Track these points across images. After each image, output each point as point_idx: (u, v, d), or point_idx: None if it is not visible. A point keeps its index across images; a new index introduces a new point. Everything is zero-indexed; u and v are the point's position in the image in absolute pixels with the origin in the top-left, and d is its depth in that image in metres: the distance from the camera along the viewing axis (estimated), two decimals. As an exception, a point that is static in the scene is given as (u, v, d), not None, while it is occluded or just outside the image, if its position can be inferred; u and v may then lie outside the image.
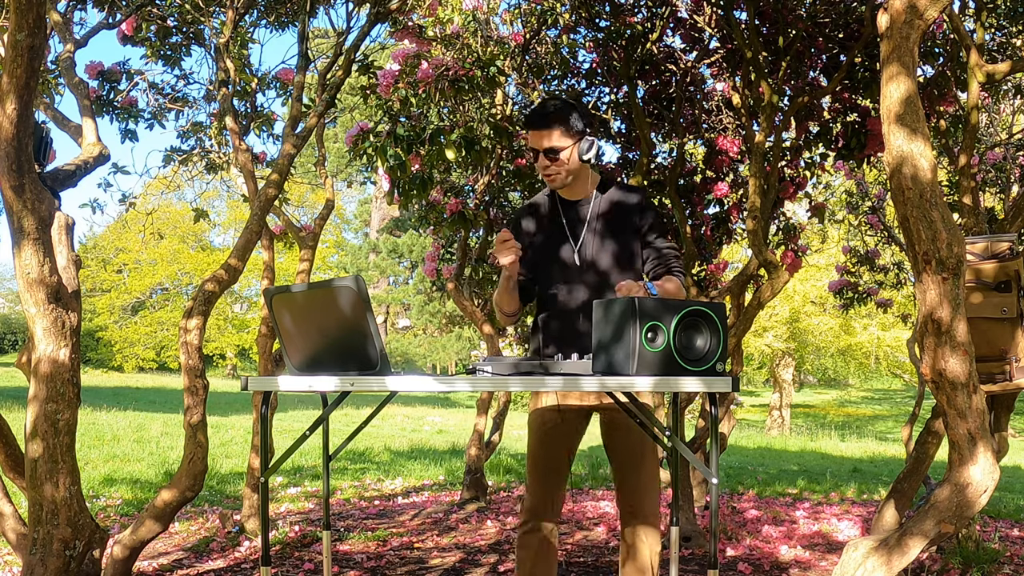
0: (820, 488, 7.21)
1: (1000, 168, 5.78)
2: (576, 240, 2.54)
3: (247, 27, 4.89)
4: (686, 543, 4.38)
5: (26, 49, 2.54)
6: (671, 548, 2.51)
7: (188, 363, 3.31)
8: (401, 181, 3.78)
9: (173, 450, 8.53)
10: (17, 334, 35.53)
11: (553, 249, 2.56)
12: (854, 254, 7.54)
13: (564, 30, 4.42)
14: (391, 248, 27.71)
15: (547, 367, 2.17)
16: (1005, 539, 4.76)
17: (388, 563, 4.11)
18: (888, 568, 2.22)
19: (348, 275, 3.03)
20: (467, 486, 5.88)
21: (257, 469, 4.45)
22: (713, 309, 1.98)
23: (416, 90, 3.75)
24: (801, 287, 16.68)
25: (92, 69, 4.53)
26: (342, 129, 25.06)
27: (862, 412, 25.58)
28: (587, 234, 2.54)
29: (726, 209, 5.01)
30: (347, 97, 15.94)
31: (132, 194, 5.26)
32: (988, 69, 3.31)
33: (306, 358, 2.20)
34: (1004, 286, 2.90)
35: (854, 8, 4.12)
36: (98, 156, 3.44)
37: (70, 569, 2.74)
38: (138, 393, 18.87)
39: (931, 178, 2.18)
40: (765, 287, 4.15)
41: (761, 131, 4.07)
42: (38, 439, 2.74)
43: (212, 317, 26.06)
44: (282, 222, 5.16)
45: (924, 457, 3.23)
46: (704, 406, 4.95)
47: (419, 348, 28.63)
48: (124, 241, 29.30)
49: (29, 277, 2.71)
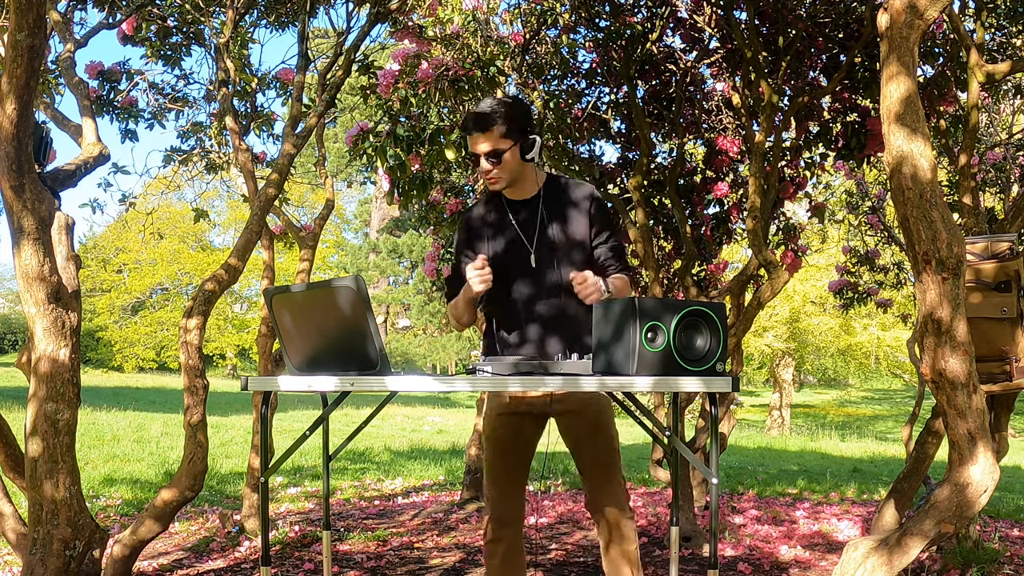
0: (820, 488, 7.21)
1: (1000, 168, 5.78)
2: (528, 240, 2.49)
3: (247, 27, 4.89)
4: (686, 543, 4.38)
5: (26, 49, 2.54)
6: (671, 548, 2.50)
7: (188, 363, 3.31)
8: (401, 181, 3.78)
9: (173, 450, 8.54)
10: (17, 334, 35.53)
11: (505, 251, 2.49)
12: (854, 254, 7.54)
13: (564, 30, 4.42)
14: (391, 248, 27.71)
15: (547, 367, 2.17)
16: (1005, 539, 4.76)
17: (388, 563, 4.11)
18: (888, 568, 2.22)
19: (348, 275, 3.03)
20: (467, 486, 5.88)
21: (257, 469, 4.45)
22: (713, 309, 1.98)
23: (416, 90, 3.75)
24: (801, 287, 16.68)
25: (92, 69, 4.53)
26: (342, 129, 25.05)
27: (862, 412, 25.59)
28: (538, 233, 2.49)
29: (726, 209, 5.01)
30: (347, 97, 15.94)
31: (132, 194, 5.27)
32: (988, 69, 3.31)
33: (306, 358, 2.20)
34: (1004, 286, 2.90)
35: (854, 8, 4.12)
36: (98, 156, 3.44)
37: (70, 569, 2.74)
38: (138, 393, 18.87)
39: (931, 178, 2.18)
40: (765, 287, 4.15)
41: (761, 131, 4.07)
42: (38, 439, 2.74)
43: (212, 317, 26.05)
44: (282, 222, 5.16)
45: (924, 457, 3.23)
46: (704, 406, 4.95)
47: (419, 348, 28.64)
48: (124, 241, 29.31)
49: (29, 277, 2.71)
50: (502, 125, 2.38)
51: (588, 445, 2.49)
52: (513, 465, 2.52)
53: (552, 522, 5.22)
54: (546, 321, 2.45)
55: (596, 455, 2.49)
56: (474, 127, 2.40)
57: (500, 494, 2.51)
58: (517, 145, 2.42)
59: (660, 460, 4.55)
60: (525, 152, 2.43)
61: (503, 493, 2.51)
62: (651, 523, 5.13)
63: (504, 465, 2.51)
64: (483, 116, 2.39)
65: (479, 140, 2.41)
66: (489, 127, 2.38)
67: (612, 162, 5.16)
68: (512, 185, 2.49)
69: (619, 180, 5.11)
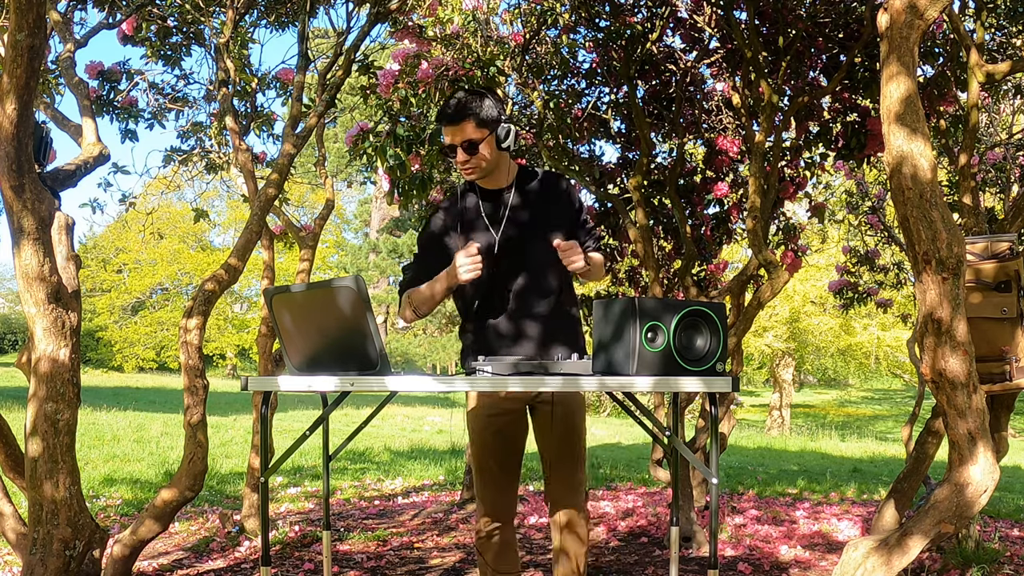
0: (820, 488, 7.21)
1: (1000, 168, 5.78)
2: (498, 230, 2.49)
3: (247, 27, 4.89)
4: (686, 543, 4.38)
5: (26, 49, 2.54)
6: (671, 548, 2.51)
7: (188, 363, 3.31)
8: (401, 181, 3.78)
9: (173, 450, 8.54)
10: (17, 334, 35.53)
11: (477, 240, 2.48)
12: (854, 254, 7.54)
13: (564, 30, 4.42)
14: (391, 248, 27.71)
15: (547, 367, 2.17)
16: (1005, 539, 4.76)
17: (388, 563, 4.11)
18: (888, 568, 2.22)
19: (348, 275, 3.03)
20: (467, 486, 5.88)
21: (257, 469, 4.45)
22: (713, 309, 1.98)
23: (416, 90, 3.75)
24: (801, 287, 16.69)
25: (92, 69, 4.53)
26: (342, 129, 25.06)
27: (862, 412, 25.58)
28: (510, 223, 2.49)
29: (726, 209, 5.01)
30: (347, 97, 15.93)
31: (132, 194, 5.27)
32: (988, 69, 3.31)
33: (306, 358, 2.20)
34: (1004, 286, 2.90)
35: (854, 8, 4.12)
36: (98, 156, 3.44)
37: (70, 569, 2.74)
38: (138, 393, 18.87)
39: (931, 178, 2.18)
40: (765, 287, 4.15)
41: (761, 131, 4.07)
42: (38, 439, 2.74)
43: (212, 317, 26.06)
44: (282, 222, 5.16)
45: (924, 457, 3.23)
46: (704, 406, 4.95)
47: (419, 348, 28.64)
48: (124, 241, 29.31)
49: (29, 277, 2.71)
50: (476, 115, 2.40)
51: (555, 437, 2.53)
52: (500, 458, 2.53)
53: (552, 522, 5.21)
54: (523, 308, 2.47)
55: (561, 448, 2.52)
56: (448, 119, 2.42)
57: (489, 488, 2.53)
58: (492, 135, 2.44)
59: (660, 460, 4.55)
60: (500, 141, 2.45)
61: (493, 487, 2.53)
62: (651, 523, 5.12)
63: (492, 458, 2.52)
64: (457, 108, 2.41)
65: (454, 132, 2.43)
66: (463, 118, 2.40)
67: (612, 162, 5.16)
68: (488, 175, 2.51)
69: (619, 180, 5.11)
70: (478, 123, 2.41)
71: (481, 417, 2.53)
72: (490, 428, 2.52)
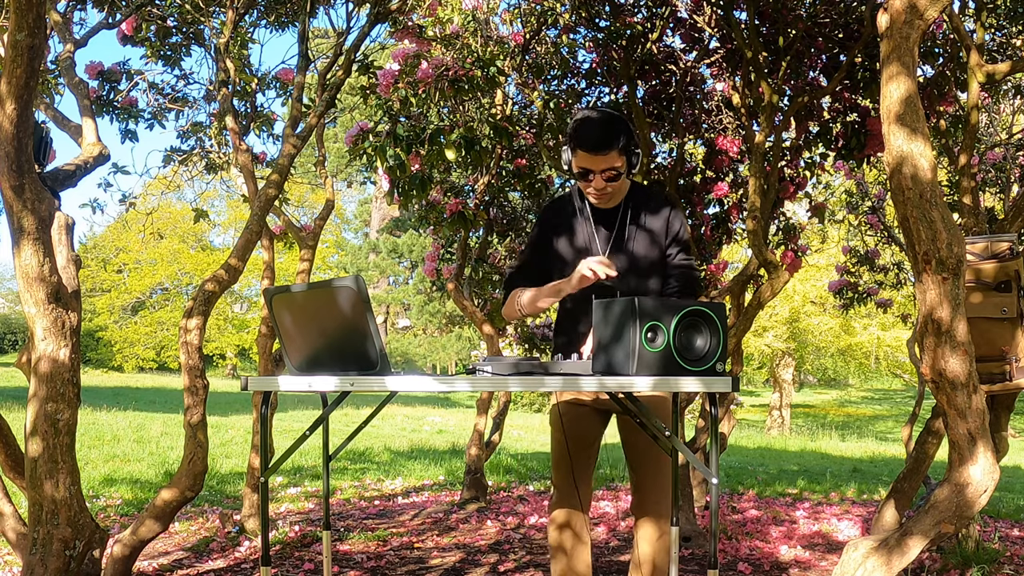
0: (820, 488, 7.21)
1: (1000, 168, 5.78)
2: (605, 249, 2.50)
3: (247, 27, 4.89)
4: (686, 543, 4.38)
5: (26, 49, 2.54)
6: (671, 548, 2.51)
7: (188, 363, 3.31)
8: (401, 181, 3.78)
9: (173, 450, 8.53)
10: (17, 334, 35.52)
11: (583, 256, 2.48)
12: (854, 254, 7.53)
13: (564, 30, 4.42)
14: (391, 248, 27.73)
15: (547, 367, 2.17)
16: (1005, 539, 4.76)
17: (388, 563, 4.11)
18: (888, 568, 2.22)
19: (348, 275, 3.03)
20: (467, 486, 5.88)
21: (257, 469, 4.45)
22: (713, 309, 1.98)
23: (416, 90, 3.75)
24: (801, 287, 16.69)
25: (92, 69, 4.53)
26: (342, 129, 25.06)
27: (862, 412, 25.58)
28: (615, 243, 2.50)
29: (726, 209, 5.01)
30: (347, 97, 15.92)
31: (132, 194, 5.27)
32: (988, 69, 3.31)
33: (306, 358, 2.20)
34: (1004, 286, 2.90)
35: (854, 8, 4.12)
36: (98, 156, 3.44)
37: (70, 569, 2.74)
38: (138, 393, 18.87)
39: (931, 178, 2.18)
40: (765, 287, 4.15)
41: (761, 131, 4.07)
42: (38, 439, 2.74)
43: (212, 317, 26.05)
44: (282, 222, 5.16)
45: (924, 457, 3.23)
46: (704, 406, 4.95)
47: (419, 348, 28.66)
48: (124, 241, 29.30)
49: (29, 277, 2.71)
50: (620, 144, 2.34)
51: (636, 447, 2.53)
52: (575, 449, 2.52)
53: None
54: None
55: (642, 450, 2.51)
56: (593, 147, 2.34)
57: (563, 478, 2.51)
58: (627, 162, 2.41)
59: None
60: (632, 167, 2.42)
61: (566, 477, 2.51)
62: (651, 523, 5.12)
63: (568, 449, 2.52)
64: (606, 136, 2.33)
65: (597, 160, 2.36)
66: (611, 148, 2.34)
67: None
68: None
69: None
70: (621, 151, 2.36)
71: (556, 407, 2.57)
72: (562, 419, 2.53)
